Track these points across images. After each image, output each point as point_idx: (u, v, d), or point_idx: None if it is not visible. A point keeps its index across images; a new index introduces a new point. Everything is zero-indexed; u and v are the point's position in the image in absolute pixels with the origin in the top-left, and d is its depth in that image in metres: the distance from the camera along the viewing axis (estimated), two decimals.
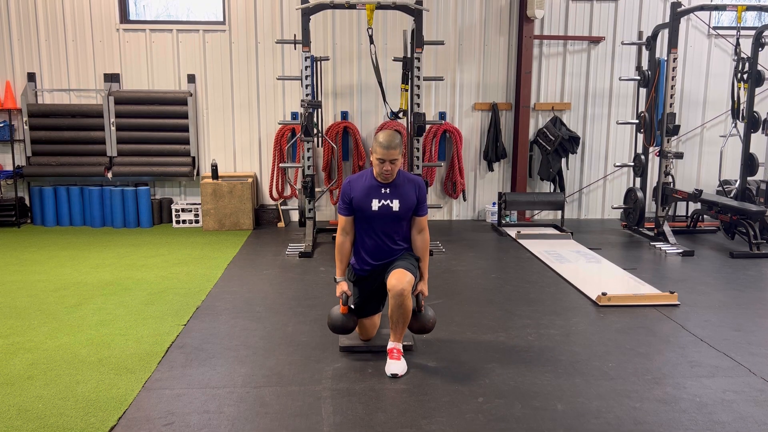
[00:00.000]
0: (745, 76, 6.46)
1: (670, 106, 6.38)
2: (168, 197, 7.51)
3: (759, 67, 6.42)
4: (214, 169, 6.99)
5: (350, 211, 3.36)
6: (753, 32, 6.44)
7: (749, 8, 6.32)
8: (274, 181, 7.29)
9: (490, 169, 7.74)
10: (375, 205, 3.30)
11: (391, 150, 3.19)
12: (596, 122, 7.77)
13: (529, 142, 7.63)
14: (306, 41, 5.96)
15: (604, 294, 4.36)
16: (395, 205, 3.30)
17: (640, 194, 6.86)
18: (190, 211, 7.25)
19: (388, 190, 3.31)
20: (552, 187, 7.74)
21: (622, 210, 7.35)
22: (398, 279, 3.16)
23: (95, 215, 7.17)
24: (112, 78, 7.19)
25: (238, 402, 2.87)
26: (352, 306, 3.43)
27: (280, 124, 7.11)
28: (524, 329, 3.87)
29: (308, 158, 6.14)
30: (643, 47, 7.20)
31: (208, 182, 6.96)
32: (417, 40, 5.89)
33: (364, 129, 7.51)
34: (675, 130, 6.36)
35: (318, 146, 7.23)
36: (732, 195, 6.83)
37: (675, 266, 5.55)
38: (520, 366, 3.30)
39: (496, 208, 7.38)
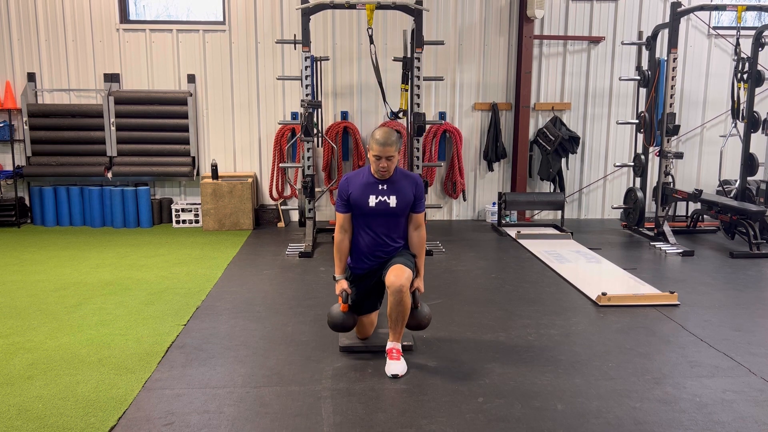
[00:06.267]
0: (745, 76, 6.46)
1: (670, 106, 6.38)
2: (168, 197, 7.51)
3: (759, 67, 6.42)
4: (214, 169, 6.99)
5: (348, 208, 3.37)
6: (753, 32, 6.44)
7: (749, 8, 6.32)
8: (274, 181, 7.29)
9: (490, 169, 7.74)
10: (372, 201, 3.29)
11: (387, 147, 3.19)
12: (596, 122, 7.78)
13: (529, 142, 7.63)
14: (306, 41, 5.96)
15: (604, 294, 4.36)
16: (392, 201, 3.30)
17: (640, 194, 6.86)
18: (190, 211, 7.25)
19: (385, 187, 3.31)
20: (552, 187, 7.74)
21: (622, 210, 7.35)
22: (396, 275, 3.17)
23: (95, 215, 7.16)
24: (112, 78, 7.19)
25: (238, 402, 2.87)
26: (351, 304, 3.43)
27: (280, 124, 7.11)
28: (524, 329, 3.87)
29: (308, 158, 6.14)
30: (643, 47, 7.20)
31: (208, 182, 6.96)
32: (417, 40, 5.89)
33: (364, 129, 7.50)
34: (675, 130, 6.36)
35: (318, 146, 7.23)
36: (732, 195, 6.83)
37: (675, 266, 5.55)
38: (520, 366, 3.30)
39: (496, 208, 7.38)
